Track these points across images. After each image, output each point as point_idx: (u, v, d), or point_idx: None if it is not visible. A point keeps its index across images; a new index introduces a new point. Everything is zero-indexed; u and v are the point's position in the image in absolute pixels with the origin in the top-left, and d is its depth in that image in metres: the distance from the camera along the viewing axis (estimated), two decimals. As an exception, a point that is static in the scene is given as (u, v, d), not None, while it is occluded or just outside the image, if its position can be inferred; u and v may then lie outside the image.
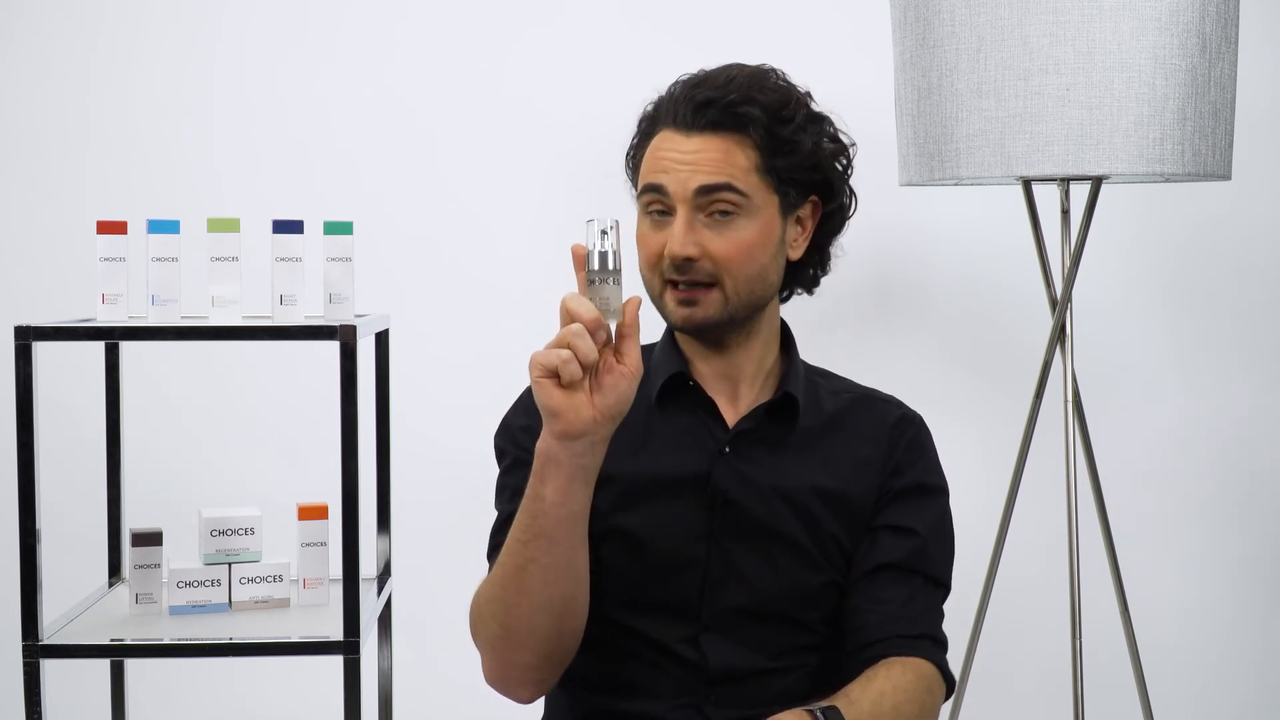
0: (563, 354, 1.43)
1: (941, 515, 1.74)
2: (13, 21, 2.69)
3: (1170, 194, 2.72)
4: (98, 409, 2.29)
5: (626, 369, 1.47)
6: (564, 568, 1.54)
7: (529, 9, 2.74)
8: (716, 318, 1.65)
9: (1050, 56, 2.08)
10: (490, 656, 1.62)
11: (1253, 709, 2.83)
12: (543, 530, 1.52)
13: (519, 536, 1.54)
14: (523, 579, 1.54)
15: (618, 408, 1.48)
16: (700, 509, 1.67)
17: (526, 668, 1.60)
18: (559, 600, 1.56)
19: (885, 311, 2.78)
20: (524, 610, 1.55)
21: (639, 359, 1.48)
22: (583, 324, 1.44)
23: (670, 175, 1.64)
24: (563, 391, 1.45)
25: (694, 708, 1.66)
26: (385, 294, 2.50)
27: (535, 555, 1.53)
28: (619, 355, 1.48)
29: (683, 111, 1.65)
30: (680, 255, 1.62)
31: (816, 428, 1.73)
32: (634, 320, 1.48)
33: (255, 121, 2.72)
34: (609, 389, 1.47)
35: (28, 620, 1.90)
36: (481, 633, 1.61)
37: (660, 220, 1.66)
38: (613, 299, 1.47)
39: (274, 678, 2.64)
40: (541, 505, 1.51)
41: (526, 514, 1.53)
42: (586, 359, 1.43)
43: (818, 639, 1.70)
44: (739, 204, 1.64)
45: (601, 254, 1.48)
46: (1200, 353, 2.82)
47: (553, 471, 1.50)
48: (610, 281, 1.47)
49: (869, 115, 2.54)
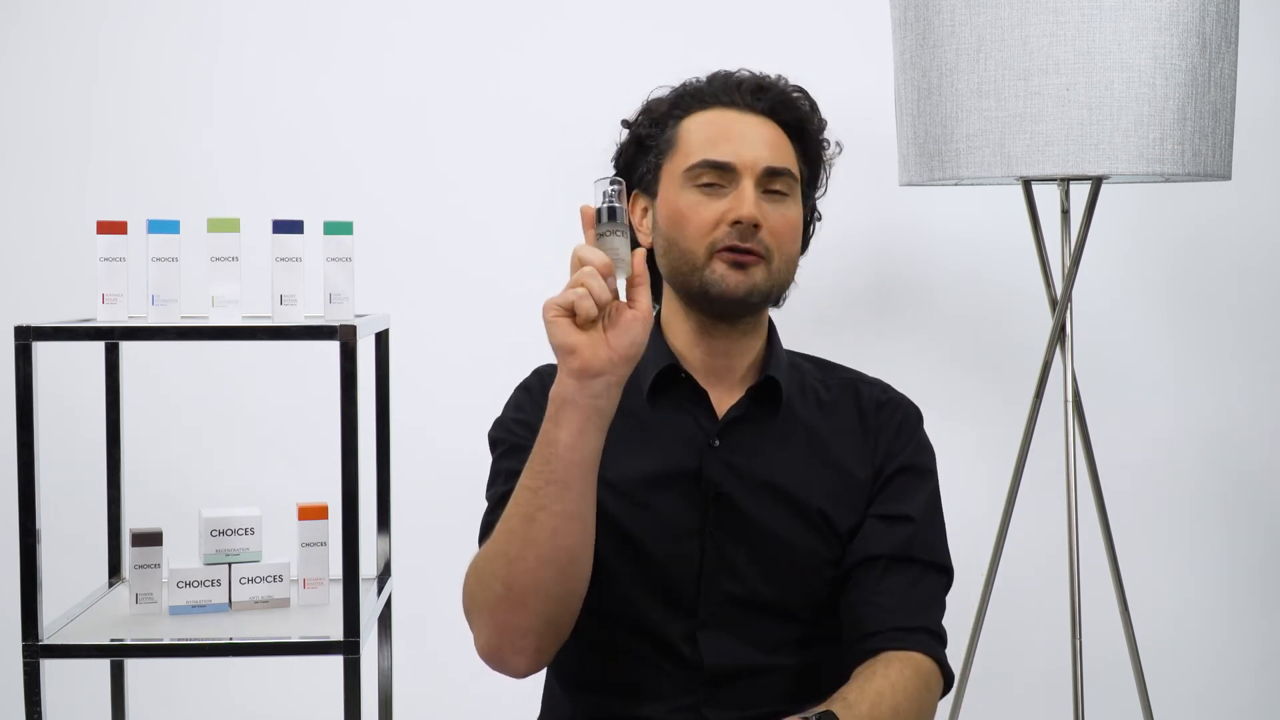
0: (578, 290, 1.48)
1: (932, 496, 1.74)
2: (13, 21, 2.69)
3: (1170, 194, 2.72)
4: (98, 409, 2.30)
5: (639, 312, 1.51)
6: (573, 516, 1.54)
7: (529, 9, 2.74)
8: (764, 289, 1.68)
9: (1050, 56, 2.08)
10: (489, 622, 1.59)
11: (1253, 709, 2.84)
12: (555, 475, 1.52)
13: (529, 484, 1.54)
14: (530, 529, 1.53)
15: (632, 349, 1.51)
16: (692, 503, 1.68)
17: (526, 631, 1.57)
18: (566, 552, 1.54)
19: (885, 312, 2.78)
20: (530, 563, 1.54)
21: (649, 303, 1.52)
22: (595, 267, 1.48)
23: (736, 148, 1.68)
24: (578, 329, 1.49)
25: (692, 709, 1.66)
26: (385, 294, 2.50)
27: (546, 502, 1.52)
28: (630, 300, 1.52)
29: (739, 92, 1.72)
30: (755, 218, 1.65)
31: (805, 414, 1.74)
32: (643, 269, 1.52)
33: (255, 121, 2.72)
34: (623, 330, 1.50)
35: (28, 620, 1.91)
36: (481, 597, 1.59)
37: (712, 191, 1.68)
38: (621, 249, 1.52)
39: (274, 678, 2.64)
40: (555, 449, 1.52)
41: (538, 459, 1.53)
42: (600, 296, 1.48)
43: (815, 632, 1.70)
44: (791, 190, 1.71)
45: (610, 208, 1.52)
46: (1200, 353, 2.82)
47: (568, 413, 1.51)
48: (619, 233, 1.52)
49: (869, 115, 2.56)
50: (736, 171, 1.67)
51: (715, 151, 1.68)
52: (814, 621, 1.70)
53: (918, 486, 1.73)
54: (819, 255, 1.86)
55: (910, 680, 1.60)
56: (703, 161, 1.68)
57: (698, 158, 1.69)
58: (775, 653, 1.68)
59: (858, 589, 1.68)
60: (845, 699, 1.56)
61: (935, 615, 1.69)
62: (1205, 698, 2.82)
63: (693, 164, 1.69)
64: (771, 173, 1.68)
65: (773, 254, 1.67)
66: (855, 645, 1.65)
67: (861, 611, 1.66)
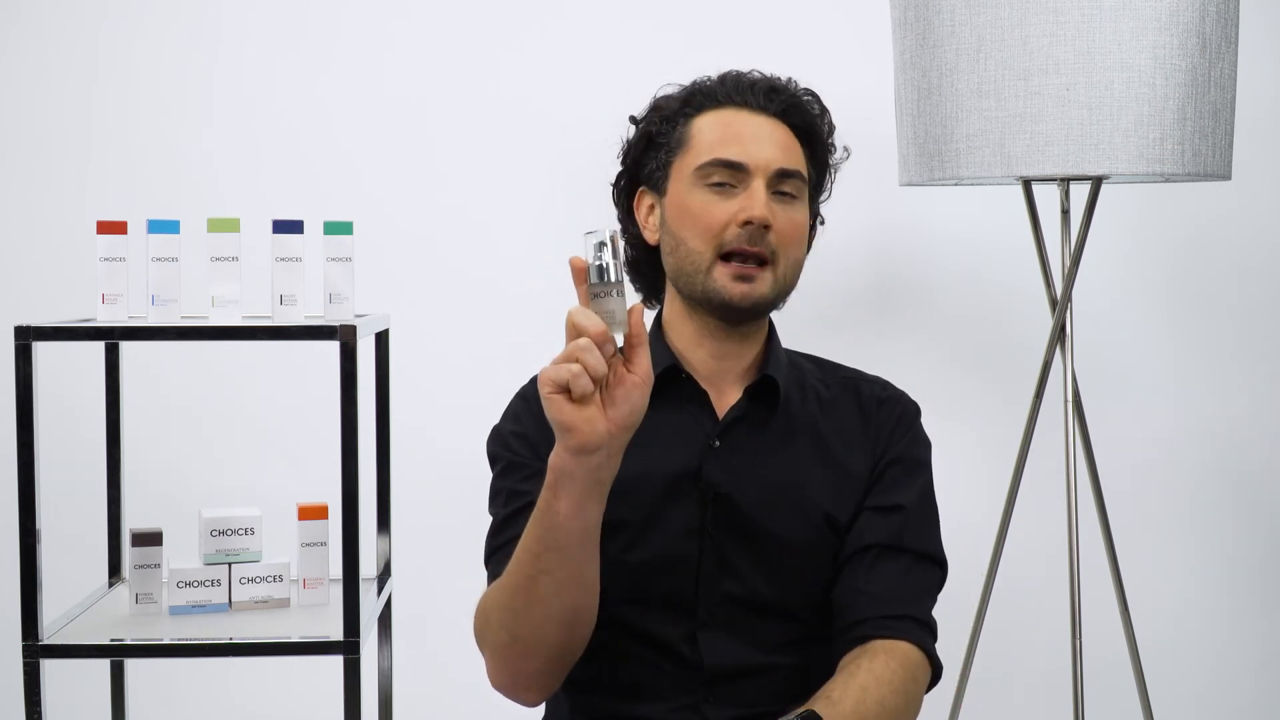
0: (573, 368, 1.41)
1: (926, 488, 1.74)
2: (13, 21, 2.69)
3: (1170, 194, 2.72)
4: (98, 409, 2.29)
5: (637, 378, 1.46)
6: (575, 579, 1.53)
7: (528, 9, 2.74)
8: (769, 297, 1.67)
9: (1050, 56, 2.08)
10: (497, 663, 1.61)
11: (1253, 709, 2.84)
12: (555, 544, 1.50)
13: (531, 548, 1.52)
14: (533, 590, 1.53)
15: (631, 418, 1.46)
16: (693, 504, 1.68)
17: (534, 674, 1.60)
18: (569, 610, 1.55)
19: (886, 312, 2.78)
20: (535, 620, 1.54)
21: (649, 367, 1.47)
22: (590, 338, 1.42)
23: (748, 149, 1.68)
24: (575, 406, 1.43)
25: (693, 708, 1.66)
26: (385, 294, 2.50)
27: (547, 568, 1.51)
28: (629, 364, 1.46)
29: (752, 93, 1.72)
30: (766, 218, 1.65)
31: (805, 413, 1.74)
32: (640, 329, 1.46)
33: (255, 121, 2.72)
34: (621, 400, 1.45)
35: (28, 620, 1.91)
36: (489, 640, 1.60)
37: (723, 191, 1.68)
38: (617, 310, 1.45)
39: (274, 678, 2.64)
40: (555, 519, 1.49)
41: (539, 526, 1.51)
42: (596, 372, 1.42)
43: (815, 632, 1.70)
44: (800, 192, 1.71)
45: (601, 267, 1.45)
46: (1200, 352, 2.82)
47: (567, 485, 1.48)
48: (613, 294, 1.45)
49: (869, 115, 2.56)
50: (749, 172, 1.67)
51: (727, 151, 1.68)
52: (814, 621, 1.70)
53: (911, 478, 1.73)
54: (819, 255, 1.86)
55: (896, 673, 1.60)
56: (715, 160, 1.68)
57: (709, 156, 1.68)
58: (775, 652, 1.68)
59: (848, 578, 1.68)
60: (829, 696, 1.56)
61: (925, 605, 1.69)
62: (1205, 698, 2.82)
63: (704, 162, 1.68)
64: (783, 174, 1.68)
65: (779, 258, 1.67)
66: (843, 634, 1.65)
67: (850, 600, 1.66)
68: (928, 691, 1.66)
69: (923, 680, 1.65)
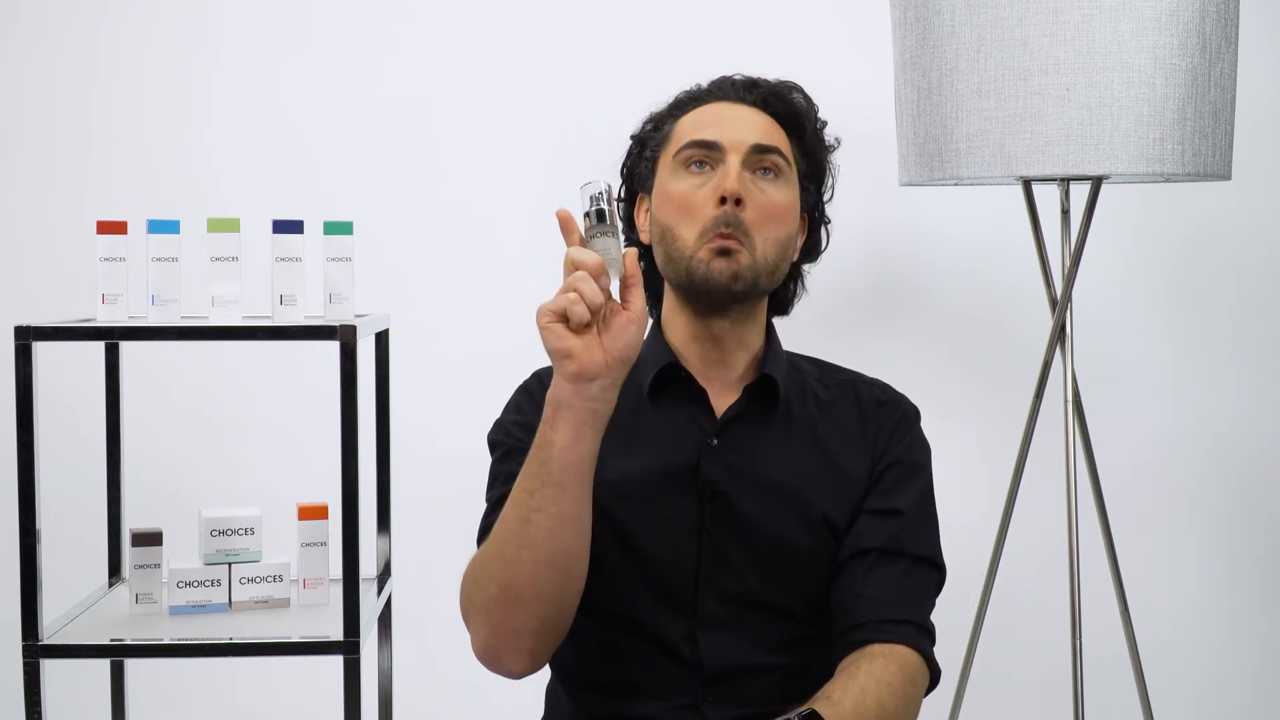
0: (570, 296, 1.47)
1: (924, 491, 1.74)
2: (13, 21, 2.69)
3: (1170, 194, 2.72)
4: (98, 409, 2.30)
5: (633, 313, 1.51)
6: (569, 518, 1.53)
7: (528, 9, 2.74)
8: (747, 273, 1.67)
9: (1050, 56, 2.08)
10: (485, 623, 1.59)
11: (1253, 709, 2.84)
12: (551, 477, 1.52)
13: (525, 486, 1.54)
14: (527, 531, 1.53)
15: (627, 351, 1.51)
16: (691, 502, 1.68)
17: (521, 632, 1.57)
18: (561, 554, 1.54)
19: (886, 312, 2.78)
20: (526, 564, 1.54)
21: (643, 304, 1.52)
22: (587, 270, 1.48)
23: (723, 129, 1.70)
24: (573, 334, 1.48)
25: (692, 708, 1.66)
26: (385, 294, 2.50)
27: (542, 504, 1.52)
28: (625, 302, 1.51)
29: (731, 88, 1.75)
30: (737, 191, 1.66)
31: (804, 414, 1.74)
32: (635, 269, 1.52)
33: (255, 121, 2.72)
34: (617, 332, 1.50)
35: (28, 620, 1.91)
36: (477, 599, 1.59)
37: (701, 172, 1.70)
38: (613, 250, 1.51)
39: (274, 678, 2.64)
40: (551, 451, 1.52)
41: (535, 461, 1.53)
42: (593, 301, 1.47)
43: (814, 631, 1.70)
44: (782, 169, 1.71)
45: (599, 210, 1.52)
46: (1200, 353, 2.82)
47: (565, 416, 1.51)
48: (609, 235, 1.52)
49: (869, 115, 2.56)
50: (723, 150, 1.69)
51: (702, 132, 1.71)
52: (813, 620, 1.70)
53: (910, 482, 1.73)
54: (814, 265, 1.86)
55: (895, 675, 1.60)
56: (689, 142, 1.71)
57: (687, 140, 1.72)
58: (775, 652, 1.68)
59: (846, 581, 1.68)
60: (829, 697, 1.56)
61: (924, 609, 1.69)
62: (1205, 698, 2.82)
63: (680, 146, 1.72)
64: (759, 149, 1.69)
65: (753, 238, 1.67)
66: (842, 637, 1.65)
67: (849, 603, 1.66)
68: (926, 695, 1.67)
69: (921, 684, 1.65)
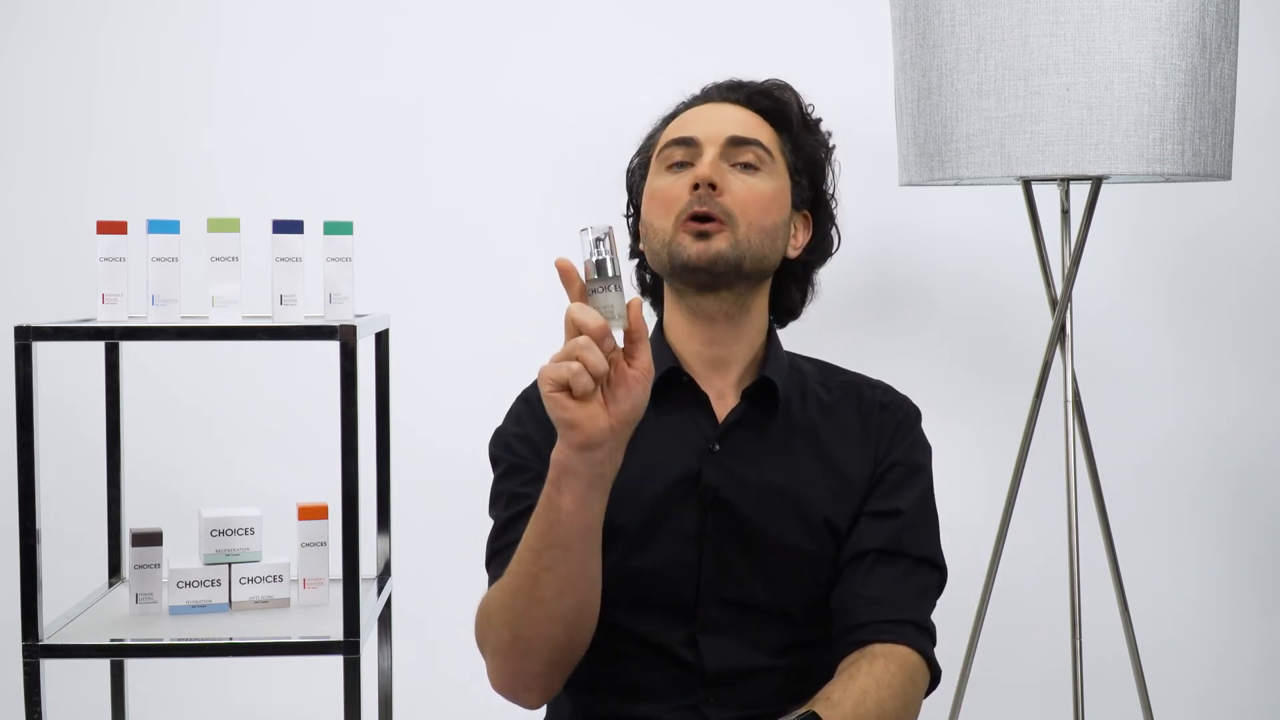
0: (572, 366, 1.41)
1: (925, 492, 1.74)
2: (13, 21, 2.69)
3: (1170, 194, 2.72)
4: (98, 409, 2.29)
5: (638, 372, 1.45)
6: (578, 577, 1.53)
7: (528, 10, 2.74)
8: (728, 254, 1.66)
9: (1050, 56, 2.08)
10: (498, 664, 1.60)
11: (1253, 709, 2.84)
12: (558, 540, 1.50)
13: (533, 545, 1.52)
14: (536, 589, 1.53)
15: (634, 413, 1.46)
16: (692, 508, 1.68)
17: (535, 675, 1.59)
18: (572, 609, 1.55)
19: (885, 311, 2.78)
20: (537, 619, 1.54)
21: (649, 360, 1.46)
22: (589, 335, 1.41)
23: (701, 125, 1.71)
24: (577, 403, 1.43)
25: (693, 709, 1.66)
26: (385, 294, 2.50)
27: (550, 565, 1.51)
28: (629, 359, 1.45)
29: (716, 90, 1.77)
30: (709, 178, 1.66)
31: (806, 417, 1.74)
32: (640, 323, 1.46)
33: (255, 121, 2.72)
34: (623, 396, 1.45)
35: (28, 620, 1.91)
36: (490, 640, 1.60)
37: (681, 170, 1.70)
38: (615, 305, 1.44)
39: (274, 678, 2.64)
40: (558, 515, 1.49)
41: (542, 522, 1.51)
42: (596, 370, 1.41)
43: (815, 634, 1.70)
44: (764, 161, 1.71)
45: (599, 262, 1.45)
46: (1200, 353, 2.82)
47: (570, 482, 1.48)
48: (611, 288, 1.45)
49: (869, 115, 2.56)
50: (700, 145, 1.70)
51: (681, 131, 1.72)
52: (813, 623, 1.70)
53: (910, 483, 1.72)
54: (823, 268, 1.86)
55: (895, 676, 1.60)
56: (669, 141, 1.72)
57: (666, 139, 1.73)
58: (776, 654, 1.68)
59: (847, 582, 1.68)
60: (829, 698, 1.56)
61: (924, 609, 1.69)
62: (1205, 698, 2.82)
63: (660, 147, 1.73)
64: (737, 141, 1.70)
65: (735, 220, 1.66)
66: (842, 637, 1.65)
67: (849, 603, 1.66)
68: (926, 696, 1.67)
69: (921, 684, 1.65)
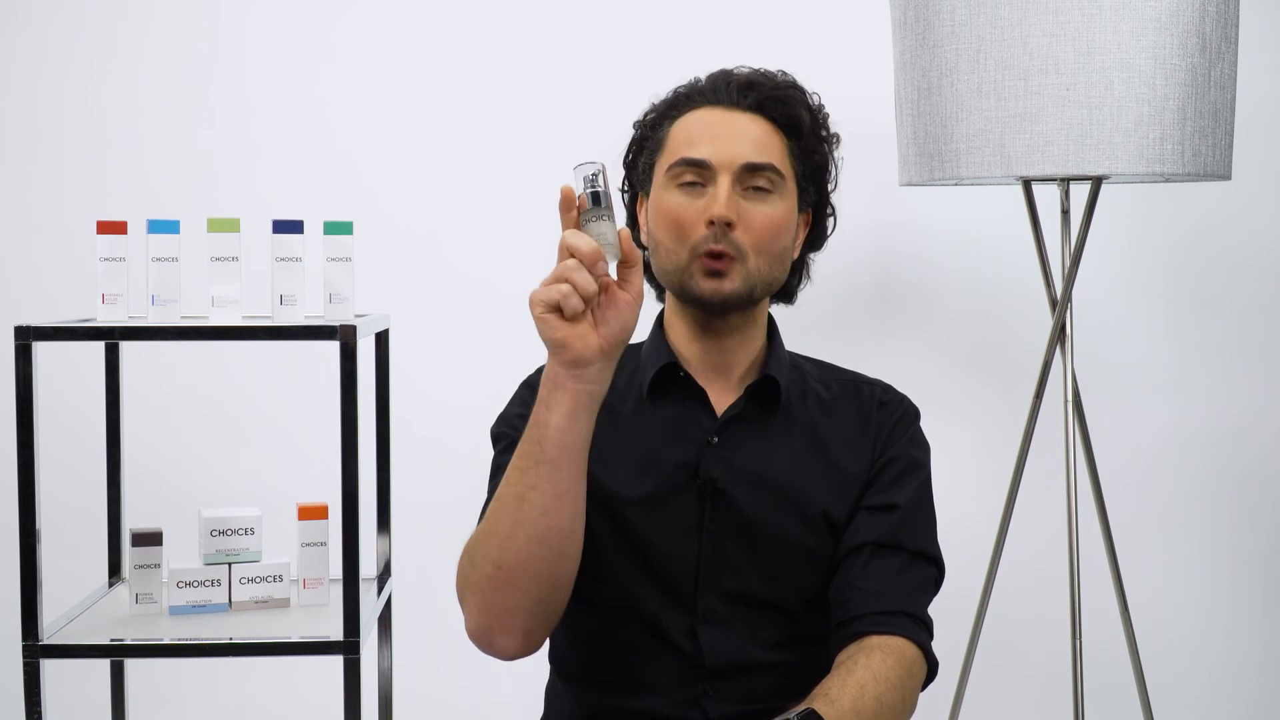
0: (563, 289, 1.46)
1: (922, 487, 1.74)
2: (13, 21, 2.69)
3: (1170, 194, 2.72)
4: (98, 409, 2.29)
5: (629, 295, 1.51)
6: (563, 496, 1.54)
7: (527, 10, 2.74)
8: (741, 291, 1.67)
9: (1050, 56, 2.08)
10: (479, 601, 1.59)
11: (1253, 709, 2.84)
12: (546, 456, 1.52)
13: (520, 465, 1.54)
14: (521, 508, 1.54)
15: (623, 335, 1.51)
16: (691, 500, 1.68)
17: (515, 611, 1.57)
18: (555, 533, 1.55)
19: (885, 311, 2.78)
20: (520, 542, 1.54)
21: (642, 284, 1.52)
22: (581, 258, 1.46)
23: (715, 147, 1.68)
24: (567, 323, 1.48)
25: (693, 702, 1.66)
26: (385, 294, 2.50)
27: (536, 482, 1.53)
28: (623, 283, 1.51)
29: (726, 90, 1.72)
30: (726, 217, 1.65)
31: (805, 413, 1.74)
32: (632, 250, 1.50)
33: (255, 121, 2.72)
34: (613, 318, 1.50)
35: (28, 620, 1.91)
36: (472, 577, 1.59)
37: (693, 190, 1.69)
38: (609, 233, 1.50)
39: (274, 678, 2.64)
40: (546, 430, 1.52)
41: (530, 440, 1.54)
42: (586, 291, 1.47)
43: (814, 629, 1.70)
44: (776, 185, 1.70)
45: (594, 193, 1.51)
46: (1200, 352, 2.82)
47: (559, 397, 1.51)
48: (605, 218, 1.51)
49: (869, 115, 2.56)
50: (713, 169, 1.68)
51: (694, 150, 1.69)
52: (811, 618, 1.70)
53: (907, 477, 1.73)
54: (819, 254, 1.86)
55: (892, 669, 1.60)
56: (680, 160, 1.69)
57: (677, 156, 1.70)
58: (774, 649, 1.69)
59: (844, 575, 1.68)
60: (827, 694, 1.56)
61: (921, 602, 1.69)
62: (1205, 698, 2.82)
63: (672, 163, 1.70)
64: (751, 169, 1.68)
65: (746, 254, 1.67)
66: (839, 630, 1.66)
67: (846, 596, 1.66)
68: (924, 688, 1.67)
69: (919, 676, 1.65)
